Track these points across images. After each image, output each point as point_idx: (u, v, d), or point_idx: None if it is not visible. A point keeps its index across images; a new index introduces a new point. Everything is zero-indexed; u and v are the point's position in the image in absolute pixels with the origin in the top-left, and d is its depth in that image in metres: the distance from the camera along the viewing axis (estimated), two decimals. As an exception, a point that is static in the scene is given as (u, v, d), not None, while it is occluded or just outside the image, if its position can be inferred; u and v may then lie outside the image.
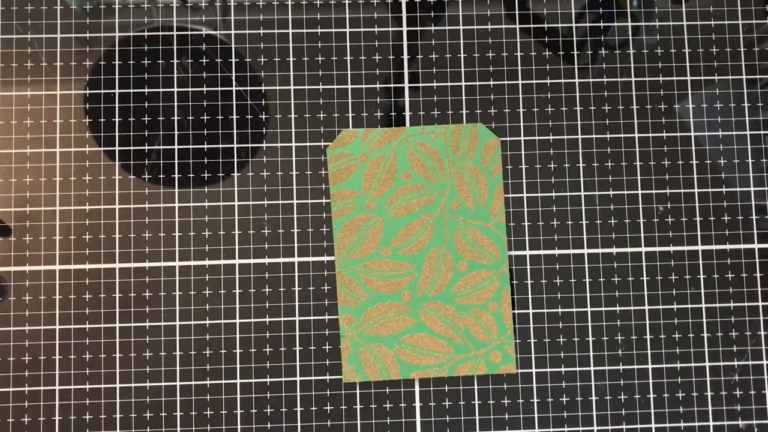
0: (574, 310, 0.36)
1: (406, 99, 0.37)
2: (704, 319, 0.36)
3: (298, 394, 0.36)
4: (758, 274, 0.37)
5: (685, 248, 0.37)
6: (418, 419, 0.36)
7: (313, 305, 0.36)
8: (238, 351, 0.36)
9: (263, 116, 0.37)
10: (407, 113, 0.37)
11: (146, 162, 0.37)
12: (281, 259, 0.36)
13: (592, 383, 0.36)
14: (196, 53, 0.37)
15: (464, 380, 0.36)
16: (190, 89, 0.37)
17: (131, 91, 0.37)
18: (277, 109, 0.37)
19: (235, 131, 0.37)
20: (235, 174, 0.37)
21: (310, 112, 0.37)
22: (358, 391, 0.36)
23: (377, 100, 0.37)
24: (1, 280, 0.36)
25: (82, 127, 0.37)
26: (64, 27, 0.37)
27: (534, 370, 0.36)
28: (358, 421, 0.36)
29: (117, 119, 0.37)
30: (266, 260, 0.36)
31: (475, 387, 0.36)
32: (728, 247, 0.37)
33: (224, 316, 0.36)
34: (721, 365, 0.36)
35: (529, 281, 0.37)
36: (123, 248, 0.36)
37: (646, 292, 0.37)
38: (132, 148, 0.37)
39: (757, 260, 0.37)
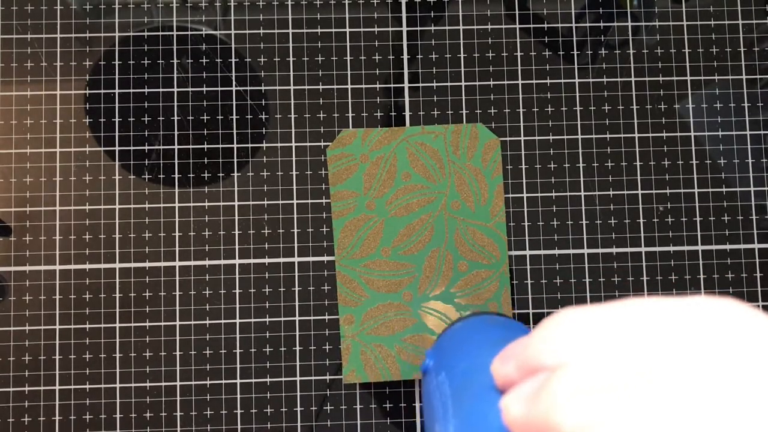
0: (574, 310, 0.36)
1: (406, 99, 0.37)
2: (704, 319, 0.36)
3: (298, 394, 0.36)
4: (758, 274, 0.37)
5: (685, 248, 0.37)
6: (418, 419, 0.36)
7: (313, 305, 0.36)
8: (238, 351, 0.36)
9: (263, 116, 0.37)
10: (407, 113, 0.37)
11: (146, 162, 0.37)
12: (281, 259, 0.36)
13: (592, 383, 0.36)
14: (196, 53, 0.37)
15: (464, 380, 0.36)
16: (190, 89, 0.37)
17: (131, 91, 0.37)
18: (277, 109, 0.37)
19: (235, 131, 0.37)
20: (235, 174, 0.37)
21: (310, 112, 0.37)
22: (358, 391, 0.36)
23: (377, 100, 0.37)
24: (1, 280, 0.36)
25: (82, 127, 0.37)
26: (64, 27, 0.37)
27: (534, 370, 0.36)
28: (358, 421, 0.36)
29: (117, 119, 0.37)
30: (266, 260, 0.36)
31: (475, 387, 0.36)
32: (728, 247, 0.37)
33: (224, 316, 0.36)
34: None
35: (529, 281, 0.36)
36: (123, 248, 0.36)
37: (646, 293, 0.37)
38: (132, 148, 0.37)
39: (757, 260, 0.37)
